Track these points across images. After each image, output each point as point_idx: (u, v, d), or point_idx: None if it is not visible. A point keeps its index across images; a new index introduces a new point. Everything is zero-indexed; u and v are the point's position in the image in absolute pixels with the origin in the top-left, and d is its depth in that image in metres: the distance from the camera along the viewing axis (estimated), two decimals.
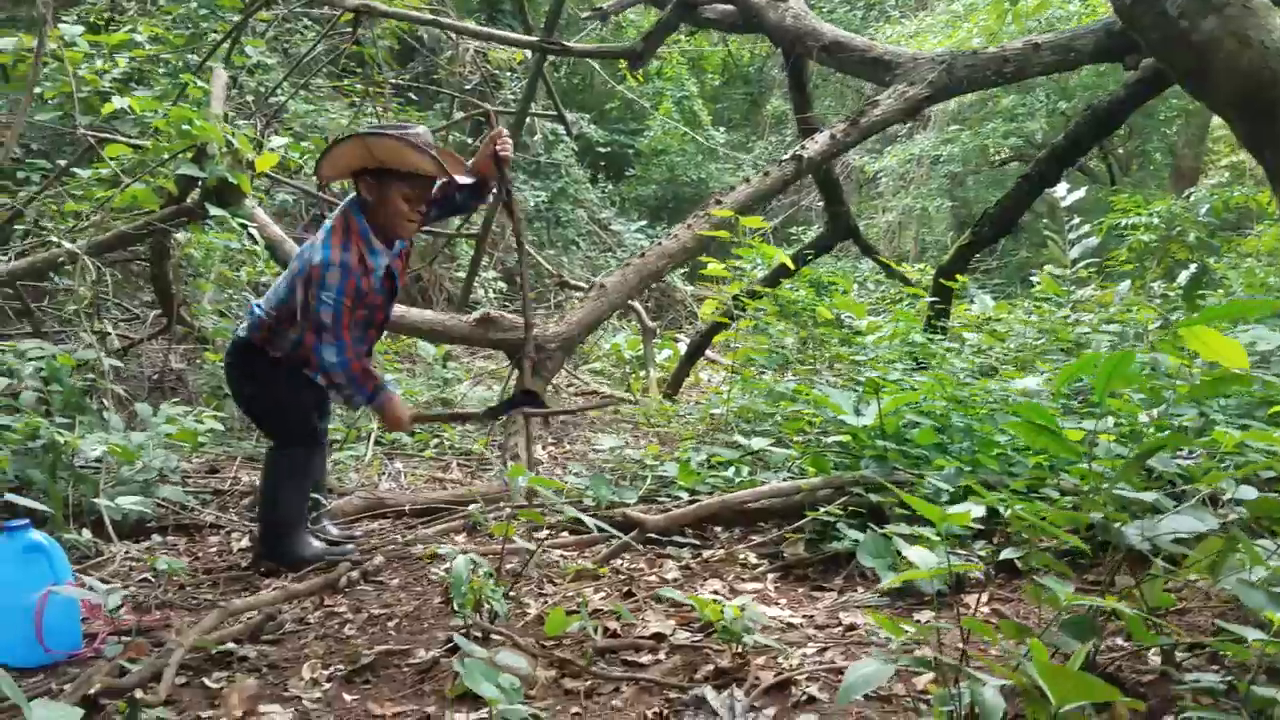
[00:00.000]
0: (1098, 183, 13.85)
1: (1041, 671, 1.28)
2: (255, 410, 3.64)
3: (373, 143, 3.13)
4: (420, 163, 3.15)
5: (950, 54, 5.65)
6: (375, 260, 3.24)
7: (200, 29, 7.85)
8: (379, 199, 3.22)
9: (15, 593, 2.58)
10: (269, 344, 3.34)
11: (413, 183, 3.21)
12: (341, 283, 3.14)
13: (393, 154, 3.14)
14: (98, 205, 5.28)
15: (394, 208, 3.22)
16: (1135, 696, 1.61)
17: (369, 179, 3.21)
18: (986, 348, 5.57)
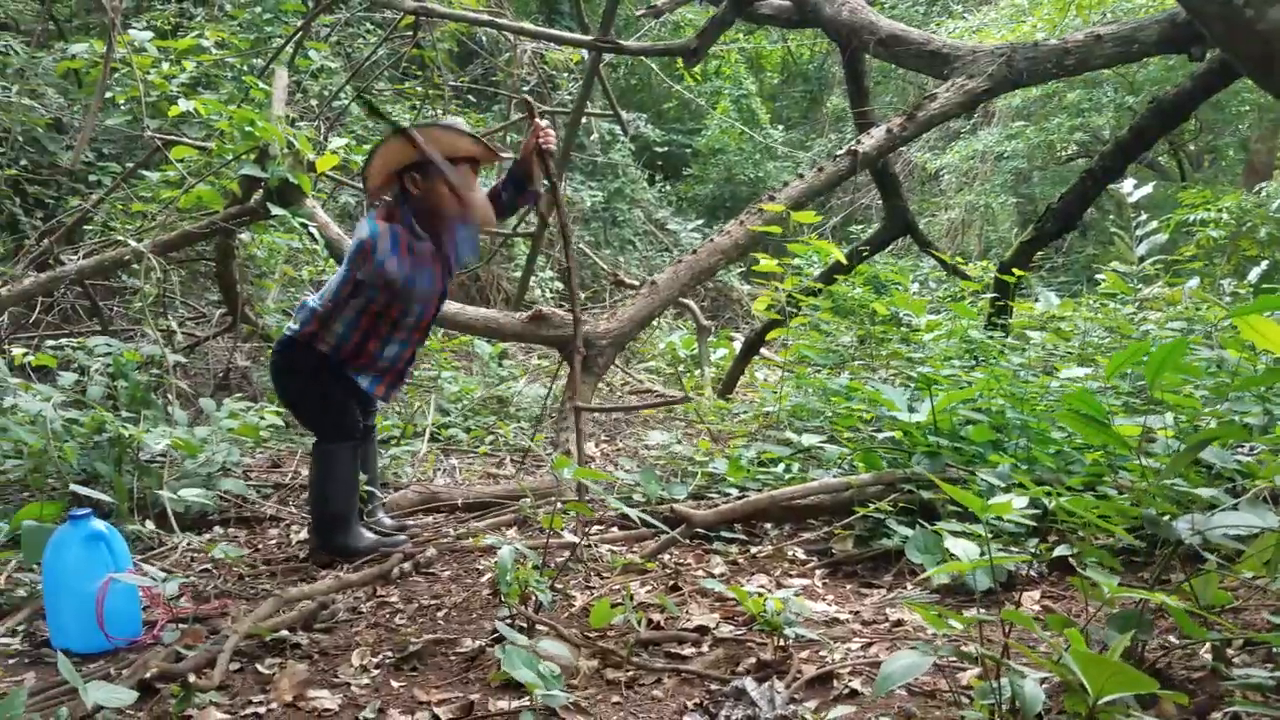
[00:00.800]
0: (1168, 179, 13.52)
1: (1079, 661, 1.25)
2: (299, 407, 3.67)
3: (418, 134, 3.18)
4: (464, 144, 3.21)
5: (1010, 46, 5.55)
6: (419, 246, 3.29)
7: (265, 33, 8.02)
8: (424, 191, 3.27)
9: (78, 580, 2.66)
10: (317, 338, 3.38)
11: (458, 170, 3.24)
12: (394, 242, 3.18)
13: (439, 141, 3.19)
14: (164, 206, 5.42)
15: (441, 194, 3.26)
16: (1183, 692, 1.57)
17: (415, 174, 3.25)
18: (1050, 346, 5.47)
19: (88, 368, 4.30)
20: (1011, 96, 12.55)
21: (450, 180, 3.18)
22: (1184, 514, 1.77)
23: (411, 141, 3.18)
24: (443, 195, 3.26)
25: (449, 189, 3.23)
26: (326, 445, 3.49)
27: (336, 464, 3.48)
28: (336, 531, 3.47)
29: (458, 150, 3.23)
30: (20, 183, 6.84)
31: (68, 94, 7.67)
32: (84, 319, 5.98)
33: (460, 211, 3.30)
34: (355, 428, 3.54)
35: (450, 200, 3.26)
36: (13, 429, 3.62)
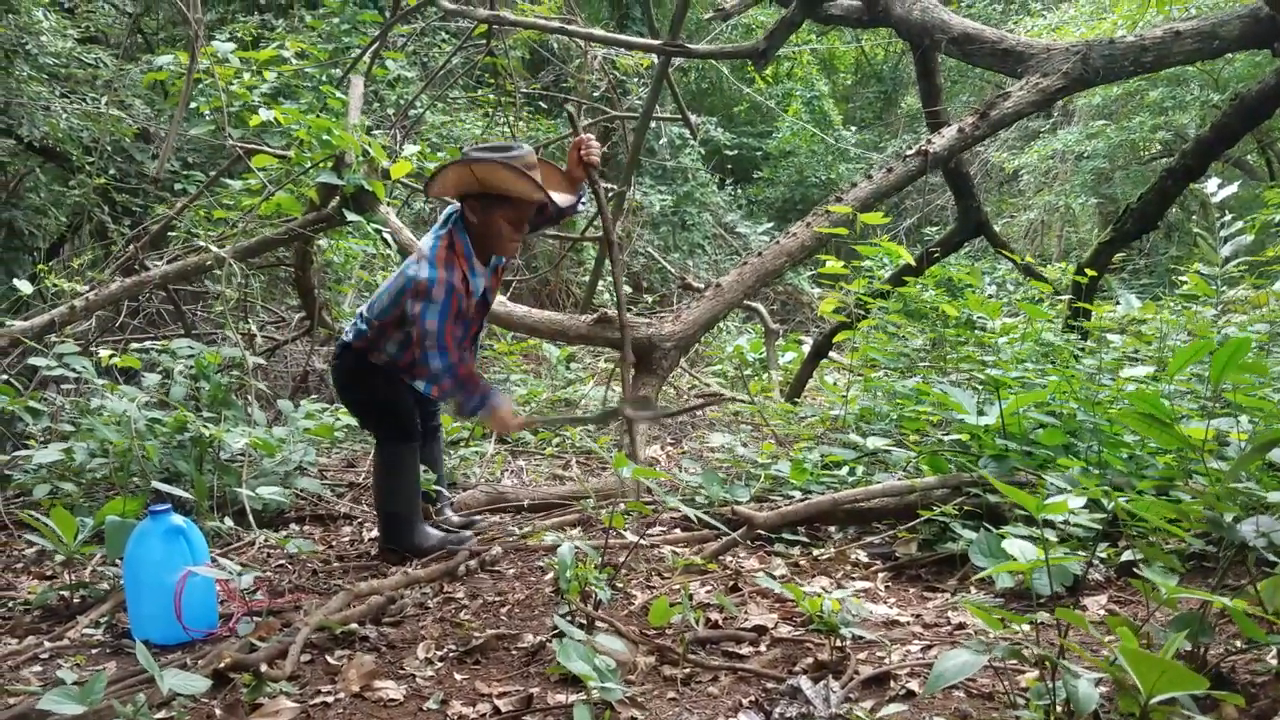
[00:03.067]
0: (1256, 177, 13.08)
1: (1129, 658, 1.24)
2: (359, 410, 3.76)
3: (477, 168, 3.20)
4: (522, 188, 3.22)
5: (1085, 44, 5.45)
6: (475, 282, 3.35)
7: (343, 44, 8.22)
8: (483, 221, 3.31)
9: (157, 573, 2.76)
10: (370, 351, 3.46)
11: (516, 206, 3.29)
12: (446, 300, 3.23)
13: (496, 179, 3.21)
14: (245, 213, 5.59)
15: (497, 229, 3.31)
16: (1246, 696, 1.54)
17: (474, 201, 3.30)
18: (1131, 349, 5.34)
19: (171, 369, 4.45)
20: (1091, 95, 12.27)
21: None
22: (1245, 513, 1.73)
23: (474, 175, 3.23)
24: (498, 228, 3.31)
25: (505, 223, 3.30)
26: (389, 447, 3.56)
27: (399, 465, 3.54)
28: (402, 531, 3.55)
29: (513, 191, 3.24)
30: (109, 191, 7.11)
31: (154, 105, 7.95)
32: (168, 323, 6.18)
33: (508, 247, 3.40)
34: (416, 430, 3.60)
35: (505, 233, 3.32)
36: (99, 428, 3.77)
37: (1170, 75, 11.27)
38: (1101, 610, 2.46)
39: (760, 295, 9.89)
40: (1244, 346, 1.74)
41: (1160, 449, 3.19)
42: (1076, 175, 14.15)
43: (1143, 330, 5.80)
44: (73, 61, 7.40)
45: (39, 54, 6.95)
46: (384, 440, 3.58)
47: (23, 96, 6.78)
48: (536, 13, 8.43)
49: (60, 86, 7.29)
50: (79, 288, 5.10)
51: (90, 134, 7.07)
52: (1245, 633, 1.64)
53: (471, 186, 3.27)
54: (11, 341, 4.54)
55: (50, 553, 3.38)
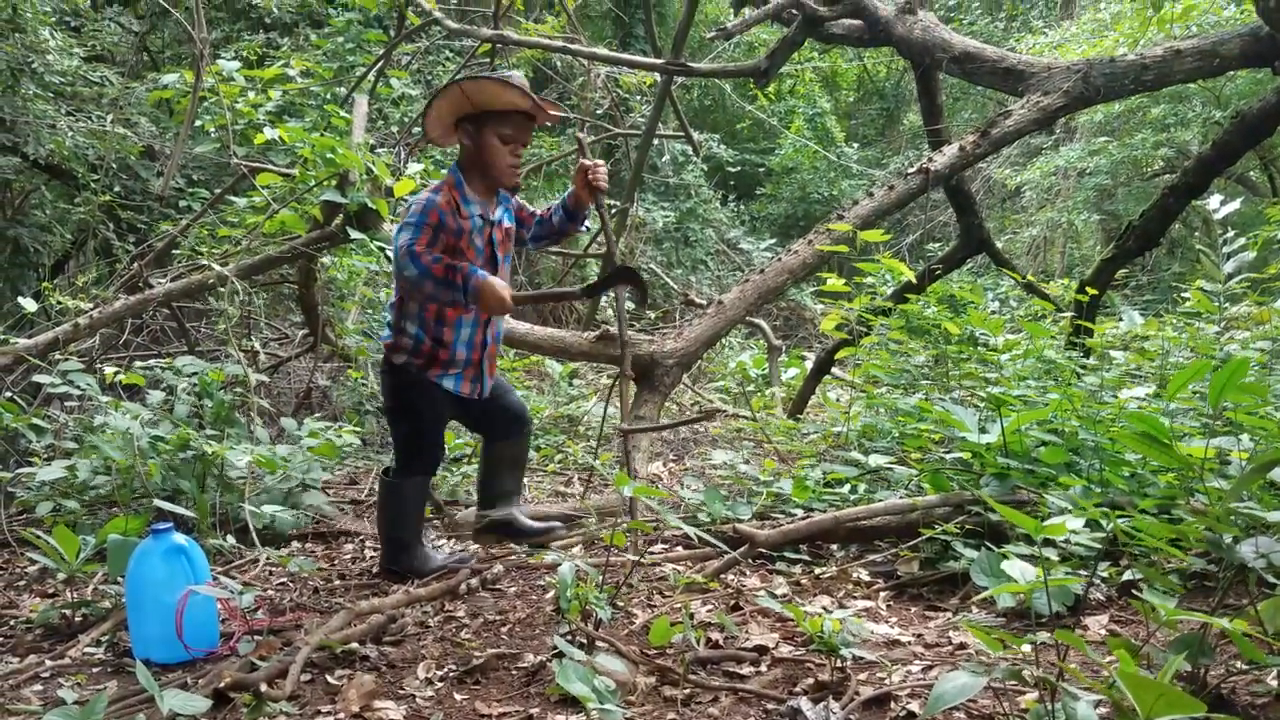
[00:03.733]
0: (1258, 195, 13.09)
1: (1126, 681, 1.23)
2: (390, 418, 3.67)
3: (467, 86, 3.20)
4: (511, 97, 3.20)
5: (1086, 62, 5.47)
6: (468, 208, 3.29)
7: (347, 62, 8.27)
8: (477, 143, 3.28)
9: (158, 592, 2.76)
10: (394, 350, 3.39)
11: (508, 121, 3.26)
12: (424, 209, 3.17)
13: (485, 93, 3.20)
14: (249, 231, 5.62)
15: (490, 149, 3.27)
16: (1246, 718, 1.53)
17: (467, 125, 3.28)
18: (1133, 366, 5.34)
19: (174, 387, 4.46)
20: (1093, 112, 12.30)
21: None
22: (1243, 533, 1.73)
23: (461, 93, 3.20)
24: (493, 147, 3.28)
25: (498, 141, 3.26)
26: (398, 476, 3.50)
27: (401, 497, 3.50)
28: (402, 555, 3.53)
29: (504, 102, 3.23)
30: (114, 208, 7.15)
31: (159, 122, 8.00)
32: (172, 340, 6.20)
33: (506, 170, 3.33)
34: (432, 462, 3.54)
35: (499, 152, 3.28)
36: (102, 446, 3.78)
37: (1172, 92, 11.30)
38: (1103, 630, 2.45)
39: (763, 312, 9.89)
40: (1243, 367, 1.74)
41: (1162, 468, 3.19)
42: (1079, 192, 14.18)
43: (1145, 347, 5.80)
44: (79, 80, 7.45)
45: (45, 72, 7.00)
46: (398, 467, 3.52)
47: (29, 115, 6.83)
48: (540, 32, 8.48)
49: (66, 104, 7.34)
50: (83, 305, 5.13)
51: (96, 152, 7.11)
52: (1244, 654, 1.64)
53: (463, 107, 3.25)
54: (16, 359, 4.56)
55: (52, 571, 3.38)
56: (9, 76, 6.83)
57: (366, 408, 5.96)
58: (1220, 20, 9.95)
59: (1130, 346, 6.00)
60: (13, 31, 6.81)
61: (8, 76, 6.82)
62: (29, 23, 6.87)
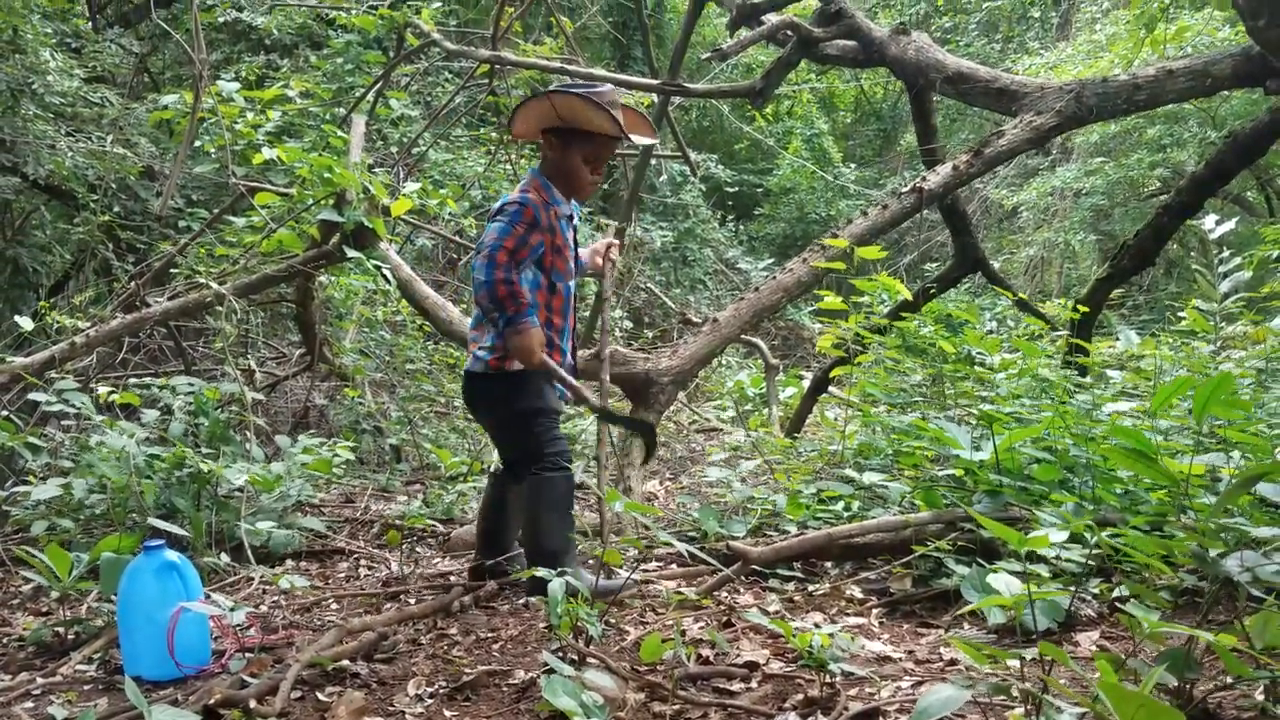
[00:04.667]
0: (1254, 215, 13.14)
1: (1107, 692, 1.24)
2: (509, 434, 3.49)
3: (558, 100, 3.18)
4: (599, 121, 3.18)
5: (1079, 83, 5.50)
6: (560, 209, 3.32)
7: (347, 83, 8.32)
8: (560, 156, 3.30)
9: (150, 609, 2.76)
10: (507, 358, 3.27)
11: (594, 142, 3.27)
12: (519, 209, 3.17)
13: (574, 112, 3.18)
14: (246, 250, 5.64)
15: (573, 165, 3.29)
16: None
17: (553, 136, 3.30)
18: (1130, 385, 5.34)
19: (170, 405, 4.47)
20: (1089, 132, 12.37)
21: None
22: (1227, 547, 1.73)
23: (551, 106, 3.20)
24: (575, 164, 3.30)
25: (581, 159, 3.28)
26: (541, 474, 3.30)
27: (553, 493, 3.31)
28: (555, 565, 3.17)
29: (590, 124, 3.21)
30: (113, 228, 7.17)
31: (159, 143, 8.03)
32: (169, 359, 6.22)
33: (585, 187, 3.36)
34: (567, 451, 3.39)
35: (581, 170, 3.31)
36: (97, 465, 3.78)
37: (1168, 113, 11.36)
38: (1094, 646, 2.45)
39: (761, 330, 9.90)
40: (1226, 383, 1.75)
41: (1155, 485, 3.19)
42: (1075, 212, 14.23)
43: (1142, 366, 5.81)
44: (79, 101, 7.49)
45: (45, 93, 7.03)
46: (536, 469, 3.30)
47: (29, 135, 6.86)
48: (538, 53, 8.53)
49: (66, 125, 7.37)
50: (80, 324, 5.14)
51: (95, 172, 7.14)
52: (1230, 669, 1.64)
53: (551, 120, 3.26)
54: (12, 377, 4.57)
55: (46, 589, 3.38)
56: (9, 97, 6.87)
57: (363, 426, 5.96)
58: (1215, 41, 10.02)
59: (1126, 366, 6.02)
60: (13, 53, 6.85)
61: (8, 97, 6.86)
62: (30, 44, 6.92)
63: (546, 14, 9.14)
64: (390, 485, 5.54)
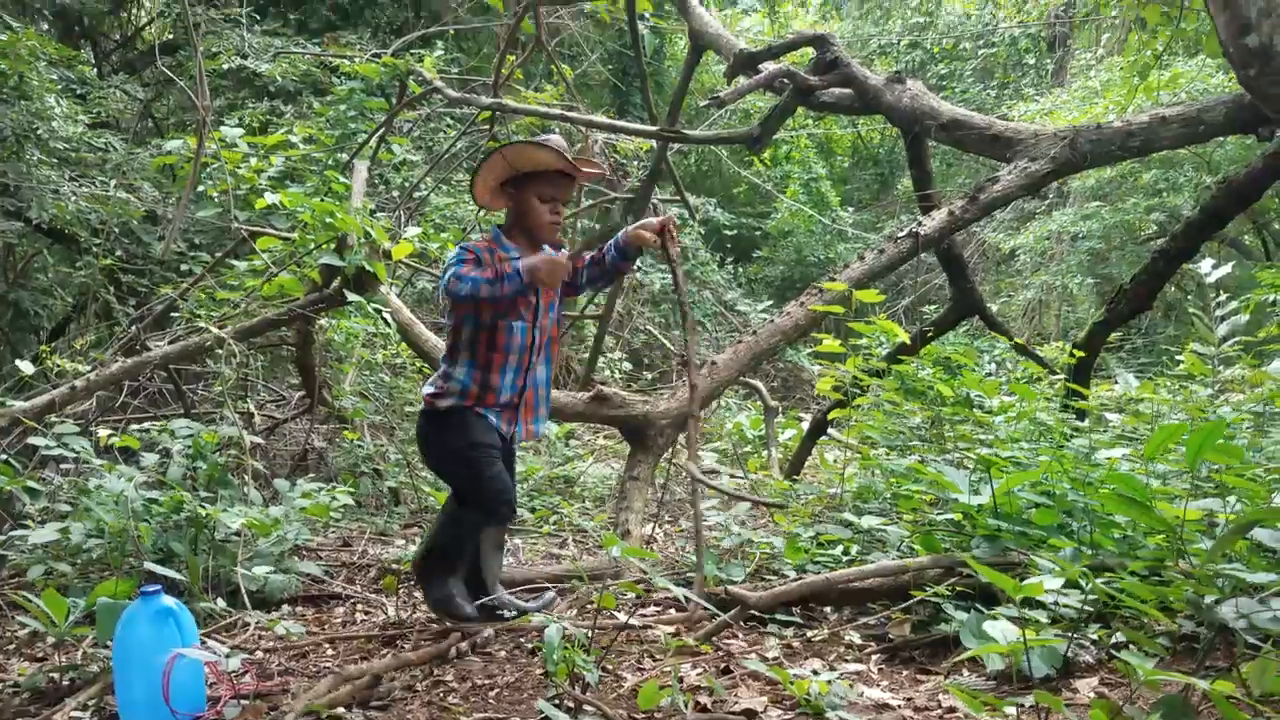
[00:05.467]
0: (1251, 259, 13.21)
1: None
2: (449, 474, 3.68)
3: (507, 150, 3.40)
4: (546, 158, 3.38)
5: (1073, 129, 5.57)
6: (507, 251, 3.44)
7: (349, 129, 8.40)
8: (518, 204, 3.48)
9: (146, 655, 2.74)
10: (440, 397, 3.46)
11: (547, 181, 3.44)
12: (460, 252, 3.37)
13: (522, 155, 3.40)
14: (247, 294, 5.67)
15: (530, 206, 3.46)
16: None
17: (509, 188, 3.48)
18: (1129, 429, 5.35)
19: (169, 449, 4.47)
20: (1085, 177, 12.48)
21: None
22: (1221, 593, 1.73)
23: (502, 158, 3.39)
24: (533, 206, 3.45)
25: (538, 200, 3.43)
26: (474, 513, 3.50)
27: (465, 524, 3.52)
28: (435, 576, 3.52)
29: (541, 163, 3.41)
30: (115, 272, 7.21)
31: (162, 188, 8.10)
32: (169, 402, 6.22)
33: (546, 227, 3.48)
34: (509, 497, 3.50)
35: (539, 211, 3.45)
36: (94, 509, 3.78)
37: (1163, 158, 11.47)
38: (1092, 693, 2.44)
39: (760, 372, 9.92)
40: (1219, 429, 1.76)
41: (1153, 530, 3.19)
42: (1072, 255, 14.31)
43: (1140, 410, 5.81)
44: (83, 146, 7.57)
45: (50, 138, 7.12)
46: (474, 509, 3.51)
47: (33, 180, 6.93)
48: (539, 100, 8.64)
49: (70, 170, 7.45)
50: (81, 368, 5.16)
51: (98, 216, 7.20)
52: (1226, 716, 1.64)
53: (504, 172, 3.43)
54: (12, 421, 4.58)
55: (42, 634, 3.37)
56: (14, 142, 6.94)
57: (362, 469, 5.96)
58: (1208, 88, 10.14)
59: (1125, 409, 6.02)
60: (19, 99, 6.94)
61: (13, 143, 6.94)
62: (35, 90, 7.01)
63: (547, 61, 9.26)
64: (388, 528, 5.52)
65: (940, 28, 16.43)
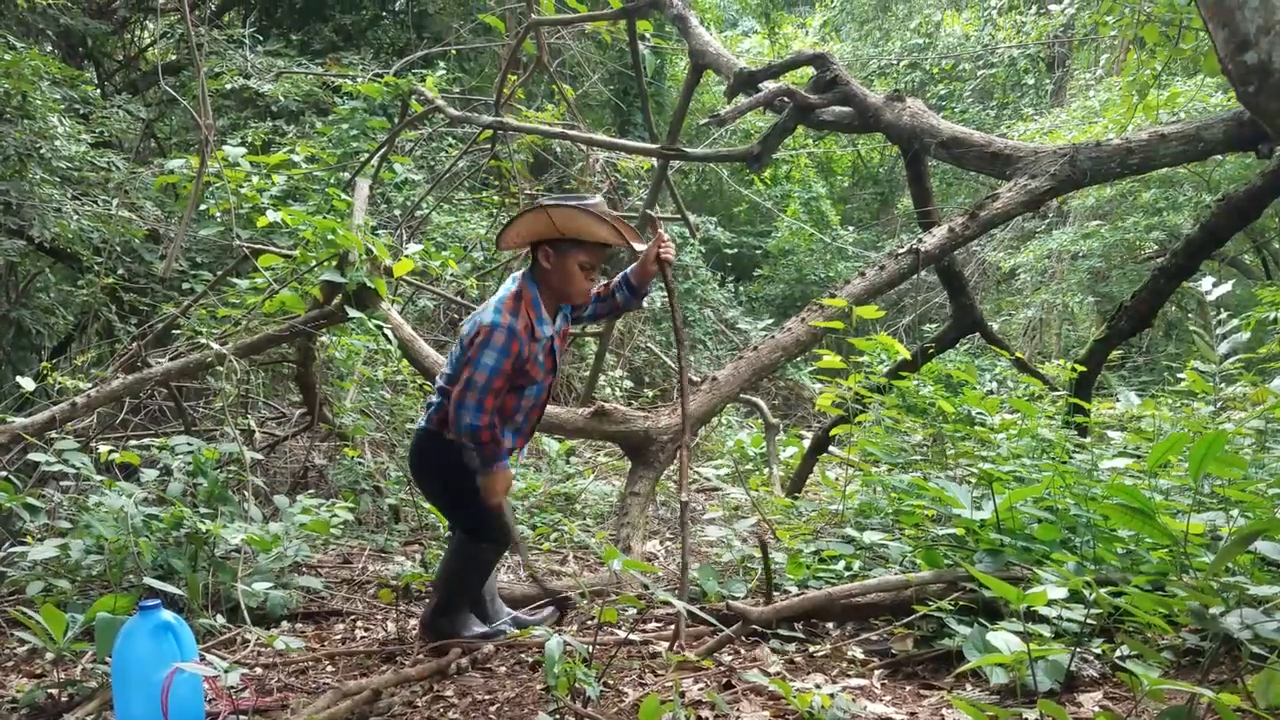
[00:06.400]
0: (1251, 277, 13.24)
1: None
2: (439, 499, 3.72)
3: (555, 213, 3.26)
4: (601, 232, 3.28)
5: (1073, 147, 5.59)
6: (542, 329, 3.35)
7: (351, 149, 8.44)
8: (556, 266, 3.34)
9: (145, 670, 2.73)
10: (446, 425, 3.36)
11: (590, 250, 3.35)
12: (506, 344, 3.22)
13: (575, 223, 3.27)
14: (249, 311, 5.68)
15: (570, 273, 3.34)
16: None
17: (548, 248, 3.34)
18: (1132, 446, 5.34)
19: (169, 466, 4.47)
20: (1086, 195, 12.51)
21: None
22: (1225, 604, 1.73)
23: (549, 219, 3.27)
24: (573, 274, 3.35)
25: (579, 268, 3.34)
26: (470, 544, 3.50)
27: (473, 563, 3.52)
28: (446, 615, 3.51)
29: (592, 235, 3.30)
30: (117, 290, 7.23)
31: (164, 207, 8.13)
32: (170, 419, 6.22)
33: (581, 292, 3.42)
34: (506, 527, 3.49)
35: (578, 279, 3.36)
36: (94, 525, 3.77)
37: (1162, 176, 11.50)
38: (1096, 707, 2.43)
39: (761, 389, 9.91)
40: (1220, 441, 1.76)
41: (1156, 544, 3.18)
42: (1073, 274, 14.33)
43: (1142, 427, 5.81)
44: (86, 165, 7.60)
45: (53, 158, 7.14)
46: (467, 535, 3.52)
47: (35, 198, 6.95)
48: (540, 119, 8.67)
49: (73, 189, 7.47)
50: (82, 385, 5.16)
51: (101, 235, 7.22)
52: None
53: (548, 232, 3.31)
54: (12, 437, 4.57)
55: (41, 650, 3.35)
56: (17, 161, 6.97)
57: (362, 486, 5.95)
58: (1208, 106, 10.18)
59: (1127, 426, 6.02)
60: (22, 118, 6.97)
61: (16, 162, 6.97)
62: (38, 110, 7.04)
63: (549, 81, 9.31)
64: (389, 546, 5.51)
65: (939, 49, 16.51)
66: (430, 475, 3.59)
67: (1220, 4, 3.46)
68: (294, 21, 12.05)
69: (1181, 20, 7.19)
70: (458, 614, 3.54)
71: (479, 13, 10.92)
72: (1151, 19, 7.27)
